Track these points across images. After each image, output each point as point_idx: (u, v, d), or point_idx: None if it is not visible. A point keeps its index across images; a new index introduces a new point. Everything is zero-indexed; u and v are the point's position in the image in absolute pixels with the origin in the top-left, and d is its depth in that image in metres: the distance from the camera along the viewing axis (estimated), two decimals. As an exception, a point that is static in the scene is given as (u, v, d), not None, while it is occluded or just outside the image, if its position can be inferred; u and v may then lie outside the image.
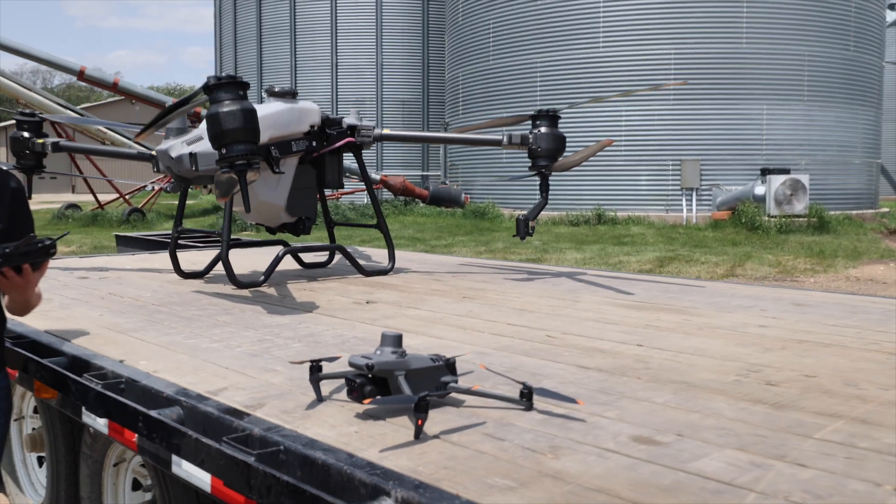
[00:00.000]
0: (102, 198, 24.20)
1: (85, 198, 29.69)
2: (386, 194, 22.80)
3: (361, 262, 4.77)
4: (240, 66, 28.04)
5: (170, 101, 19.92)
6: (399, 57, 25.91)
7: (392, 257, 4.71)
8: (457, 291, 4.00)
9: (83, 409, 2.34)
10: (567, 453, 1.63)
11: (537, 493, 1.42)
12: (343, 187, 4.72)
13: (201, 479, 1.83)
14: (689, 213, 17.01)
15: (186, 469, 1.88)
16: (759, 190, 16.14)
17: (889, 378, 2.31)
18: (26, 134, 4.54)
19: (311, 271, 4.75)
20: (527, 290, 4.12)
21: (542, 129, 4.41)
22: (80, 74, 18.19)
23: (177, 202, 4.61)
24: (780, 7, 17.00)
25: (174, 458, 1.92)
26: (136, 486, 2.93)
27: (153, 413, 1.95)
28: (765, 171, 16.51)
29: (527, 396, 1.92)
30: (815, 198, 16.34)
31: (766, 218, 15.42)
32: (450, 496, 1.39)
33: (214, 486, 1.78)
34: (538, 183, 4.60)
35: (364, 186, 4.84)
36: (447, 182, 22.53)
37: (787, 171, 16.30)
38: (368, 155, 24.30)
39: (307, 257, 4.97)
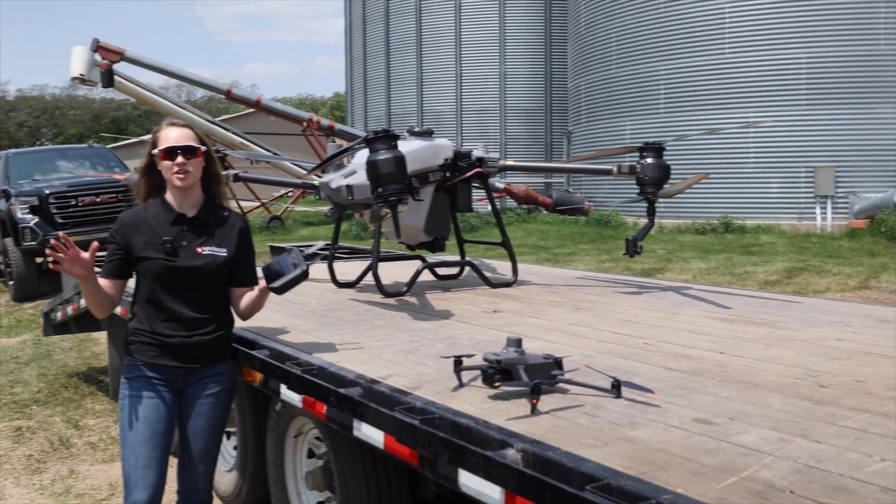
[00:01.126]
0: (246, 206, 25.90)
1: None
2: (509, 202, 23.47)
3: (488, 274, 5.44)
4: (368, 79, 29.34)
5: (307, 115, 21.28)
6: (522, 67, 26.50)
7: (515, 271, 5.37)
8: (571, 303, 4.63)
9: (283, 387, 3.14)
10: (641, 427, 2.27)
11: (614, 450, 2.07)
12: (472, 210, 5.42)
13: (376, 437, 2.57)
14: (824, 221, 16.58)
15: (365, 431, 2.62)
16: (901, 197, 15.52)
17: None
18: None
19: (445, 283, 5.47)
20: (634, 302, 4.69)
21: (649, 160, 4.98)
22: (228, 94, 19.72)
23: (309, 210, 5.34)
24: (919, 7, 16.41)
25: (355, 423, 2.66)
26: (311, 454, 3.71)
27: (342, 390, 2.72)
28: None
29: (616, 387, 2.56)
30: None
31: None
32: (553, 448, 2.05)
33: (387, 442, 2.51)
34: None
35: (489, 202, 5.51)
36: (571, 190, 22.98)
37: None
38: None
39: (441, 271, 5.68)
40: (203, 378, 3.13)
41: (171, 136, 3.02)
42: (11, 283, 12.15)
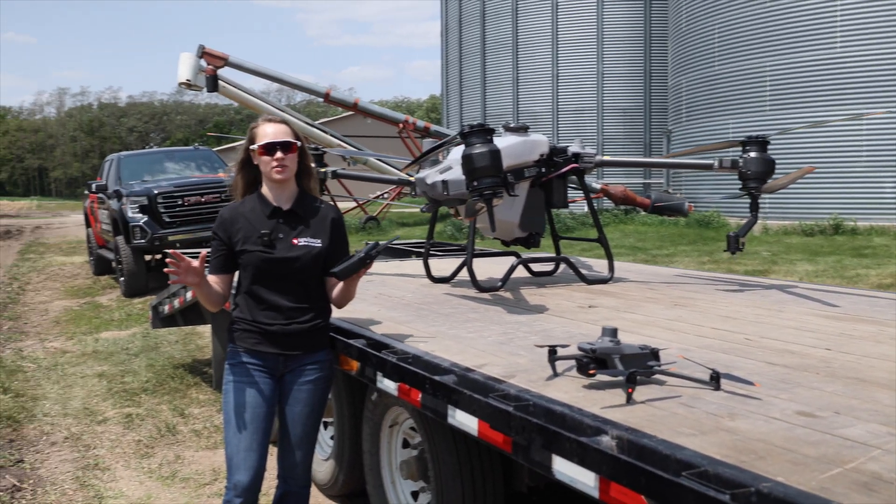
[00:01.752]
0: (342, 206, 26.41)
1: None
2: (606, 203, 23.20)
3: (584, 271, 5.40)
4: (464, 80, 29.49)
5: (402, 117, 21.54)
6: (620, 65, 26.16)
7: (611, 268, 5.31)
8: (669, 299, 4.55)
9: (379, 375, 3.19)
10: (740, 418, 2.22)
11: (712, 439, 2.03)
12: (567, 206, 5.38)
13: (470, 424, 2.59)
14: (946, 223, 15.53)
15: (459, 418, 2.64)
16: None
17: None
18: (312, 164, 5.59)
19: (539, 279, 5.45)
20: (735, 300, 4.57)
21: (752, 154, 4.84)
22: (326, 96, 20.14)
23: (405, 211, 5.40)
24: None
25: (450, 409, 2.69)
26: (405, 444, 3.76)
27: (437, 377, 2.75)
28: None
29: (715, 379, 2.51)
30: None
31: None
32: (649, 435, 2.03)
33: (481, 429, 2.52)
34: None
35: (584, 200, 5.46)
36: (670, 190, 22.55)
37: None
38: (589, 165, 24.71)
39: (536, 267, 5.67)
40: (302, 365, 3.22)
41: (269, 131, 3.12)
42: (122, 279, 12.70)
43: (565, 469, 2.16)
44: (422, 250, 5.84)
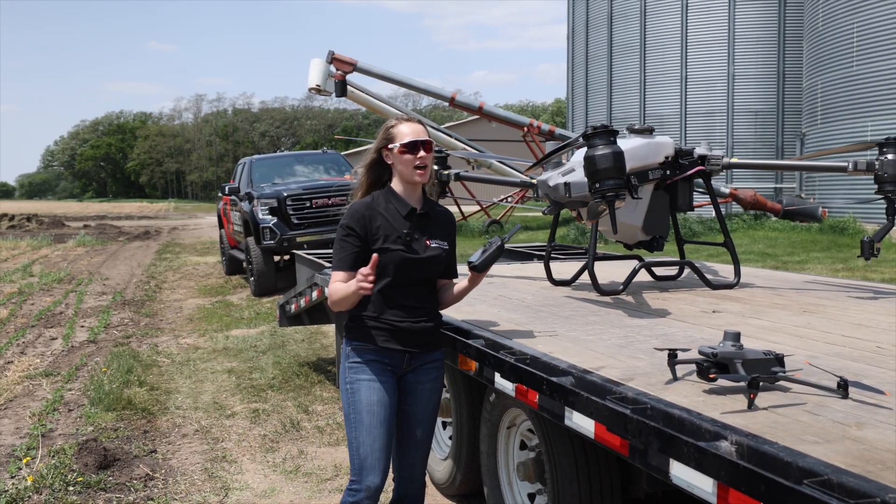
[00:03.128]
0: (465, 210, 26.60)
1: (451, 209, 32.74)
2: (735, 207, 22.48)
3: (708, 276, 5.27)
4: (590, 84, 29.19)
5: (527, 121, 21.54)
6: (751, 67, 25.31)
7: (738, 273, 5.17)
8: (798, 306, 4.39)
9: (497, 375, 3.23)
10: (869, 427, 2.14)
11: (837, 447, 1.97)
12: (693, 210, 5.27)
13: (587, 427, 2.59)
14: None
15: (576, 420, 2.65)
16: None
17: None
18: (436, 167, 5.70)
19: (663, 283, 5.36)
20: (868, 307, 4.37)
21: (890, 156, 4.62)
22: (451, 100, 20.36)
23: (528, 216, 5.41)
24: None
25: (567, 411, 2.70)
26: (523, 446, 3.78)
27: (554, 378, 2.76)
28: None
29: (843, 387, 2.42)
30: None
31: None
32: (770, 441, 1.98)
33: (597, 431, 2.52)
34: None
35: (713, 206, 5.34)
36: (803, 195, 21.67)
37: None
38: (717, 169, 23.98)
39: (659, 271, 5.58)
40: (423, 363, 3.23)
41: (409, 130, 3.10)
42: (252, 278, 13.20)
43: (683, 474, 2.14)
44: (543, 253, 5.85)
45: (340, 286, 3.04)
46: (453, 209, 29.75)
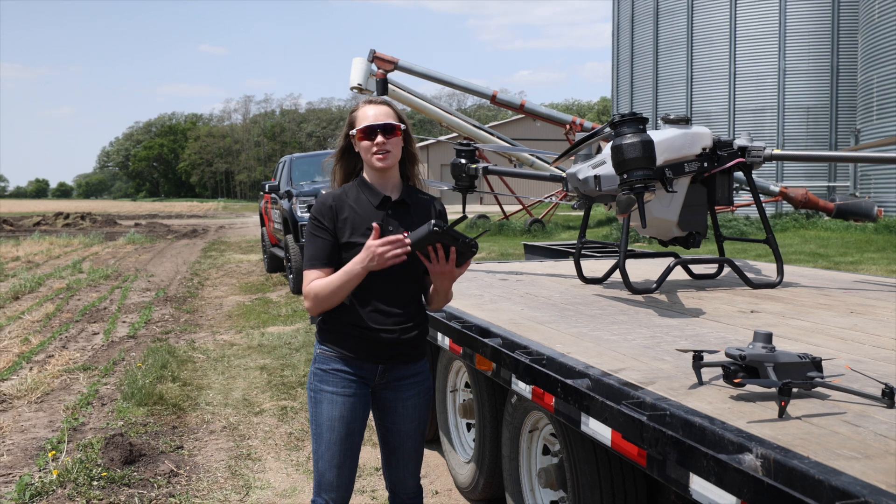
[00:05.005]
0: (508, 209, 26.38)
1: (492, 209, 32.54)
2: (786, 207, 21.88)
3: (750, 275, 5.01)
4: (636, 80, 28.75)
5: (569, 118, 21.24)
6: (803, 62, 24.66)
7: (780, 271, 4.89)
8: (844, 306, 4.12)
9: (512, 377, 3.03)
10: (916, 441, 1.90)
11: (878, 464, 1.74)
12: (732, 204, 5.01)
13: (603, 434, 2.38)
14: None
15: (593, 427, 2.44)
16: None
17: None
18: (463, 161, 5.52)
19: (700, 282, 5.10)
20: (923, 308, 4.09)
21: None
22: (493, 98, 20.18)
23: (571, 214, 5.23)
24: None
25: (583, 417, 2.49)
26: (546, 451, 3.58)
27: (569, 381, 2.55)
28: None
29: (888, 395, 2.18)
30: None
31: None
32: (800, 456, 1.76)
33: (614, 439, 2.31)
34: None
35: (755, 201, 5.07)
36: (857, 194, 21.03)
37: None
38: (769, 166, 23.37)
39: (697, 269, 5.32)
40: (403, 378, 2.90)
41: (370, 114, 2.80)
42: (291, 276, 13.16)
43: (703, 489, 1.92)
44: (573, 250, 5.63)
45: (324, 282, 2.73)
46: (495, 208, 29.47)
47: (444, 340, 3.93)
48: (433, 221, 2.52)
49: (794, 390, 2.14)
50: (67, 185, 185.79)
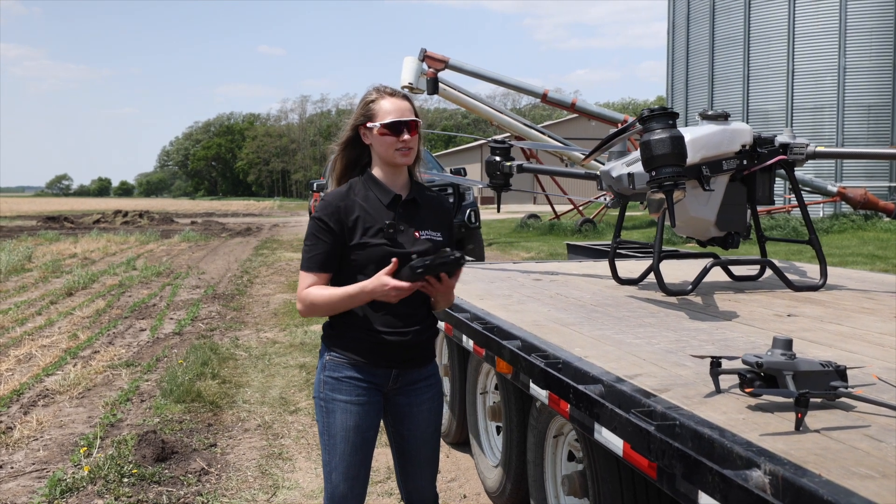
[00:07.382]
0: (559, 209, 26.15)
1: (544, 209, 32.31)
2: (845, 207, 21.27)
3: (794, 277, 4.83)
4: (691, 79, 28.25)
5: (621, 117, 20.95)
6: (864, 58, 23.92)
7: (823, 273, 4.70)
8: (889, 311, 3.93)
9: (530, 381, 2.93)
10: (942, 459, 1.76)
11: (894, 485, 1.60)
12: (773, 203, 4.83)
13: (616, 444, 2.27)
14: None
15: (605, 436, 2.34)
16: None
17: None
18: (498, 158, 5.43)
19: (739, 284, 4.93)
20: (974, 314, 3.88)
21: None
22: (544, 97, 19.97)
23: (626, 214, 5.11)
24: None
25: (596, 425, 2.38)
26: (571, 457, 3.47)
27: (580, 387, 2.45)
28: None
29: (918, 408, 2.04)
30: None
31: None
32: (812, 473, 1.64)
33: (625, 449, 2.20)
34: None
35: (797, 199, 4.88)
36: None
37: None
38: (826, 165, 22.78)
39: (739, 271, 5.15)
40: (416, 382, 2.83)
41: (392, 107, 2.68)
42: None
43: (711, 506, 1.81)
44: (618, 250, 5.49)
45: (323, 294, 2.64)
46: (546, 208, 29.24)
47: (468, 342, 3.85)
48: (415, 264, 2.48)
49: (815, 401, 2.00)
50: (129, 183, 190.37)
